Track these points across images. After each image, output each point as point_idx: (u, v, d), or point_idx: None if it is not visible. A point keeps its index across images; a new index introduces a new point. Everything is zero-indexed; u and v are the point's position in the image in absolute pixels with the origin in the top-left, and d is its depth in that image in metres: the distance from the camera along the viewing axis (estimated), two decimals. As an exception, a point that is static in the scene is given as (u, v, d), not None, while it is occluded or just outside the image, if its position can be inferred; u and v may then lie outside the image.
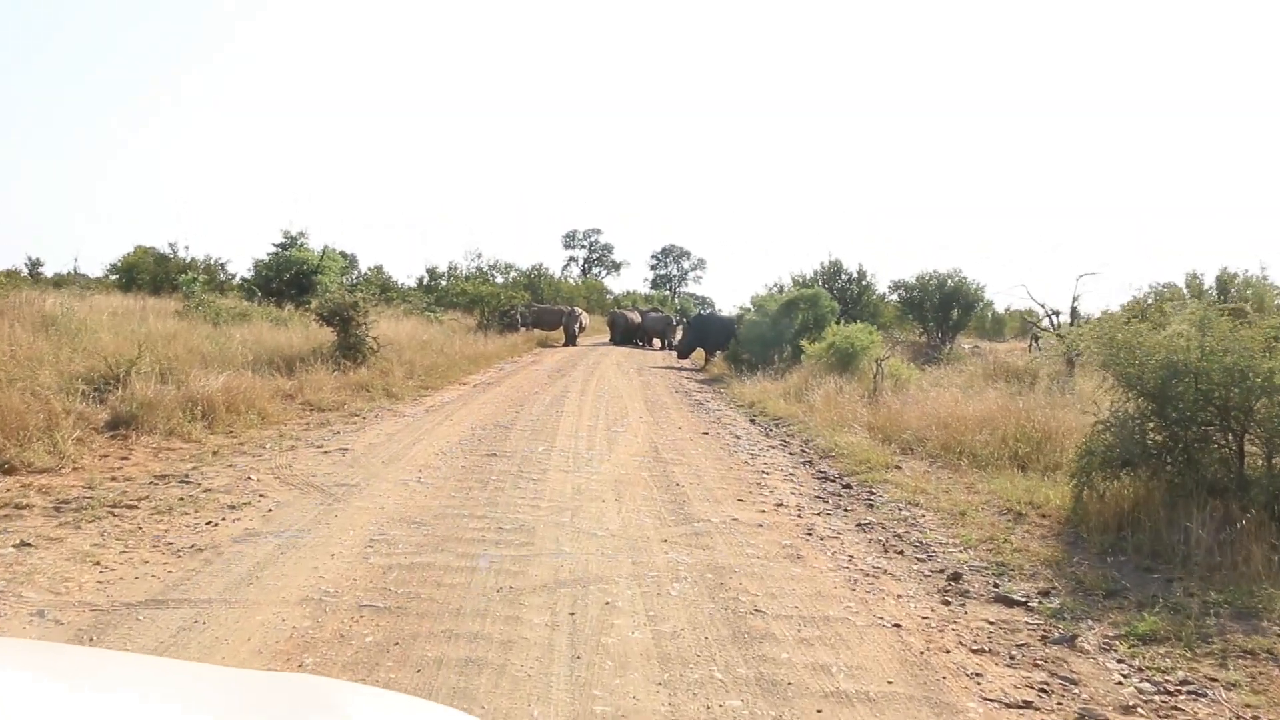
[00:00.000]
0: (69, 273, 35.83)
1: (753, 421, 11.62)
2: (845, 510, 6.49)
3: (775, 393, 14.13)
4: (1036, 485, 7.21)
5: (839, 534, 5.73)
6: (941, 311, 22.81)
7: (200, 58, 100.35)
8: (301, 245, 24.55)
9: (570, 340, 27.52)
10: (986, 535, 5.87)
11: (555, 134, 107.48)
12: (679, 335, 29.62)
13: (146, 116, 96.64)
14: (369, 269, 43.21)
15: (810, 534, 5.65)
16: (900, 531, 5.93)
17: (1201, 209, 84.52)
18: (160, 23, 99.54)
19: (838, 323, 20.08)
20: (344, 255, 55.14)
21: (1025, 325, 37.19)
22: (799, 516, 6.12)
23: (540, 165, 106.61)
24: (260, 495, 5.73)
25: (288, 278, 23.42)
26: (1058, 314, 16.58)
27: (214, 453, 7.51)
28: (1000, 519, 6.34)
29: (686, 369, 20.99)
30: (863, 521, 6.13)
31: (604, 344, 29.23)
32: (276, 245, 24.71)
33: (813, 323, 18.82)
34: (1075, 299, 16.61)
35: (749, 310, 21.32)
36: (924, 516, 6.43)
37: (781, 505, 6.42)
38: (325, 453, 7.47)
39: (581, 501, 5.91)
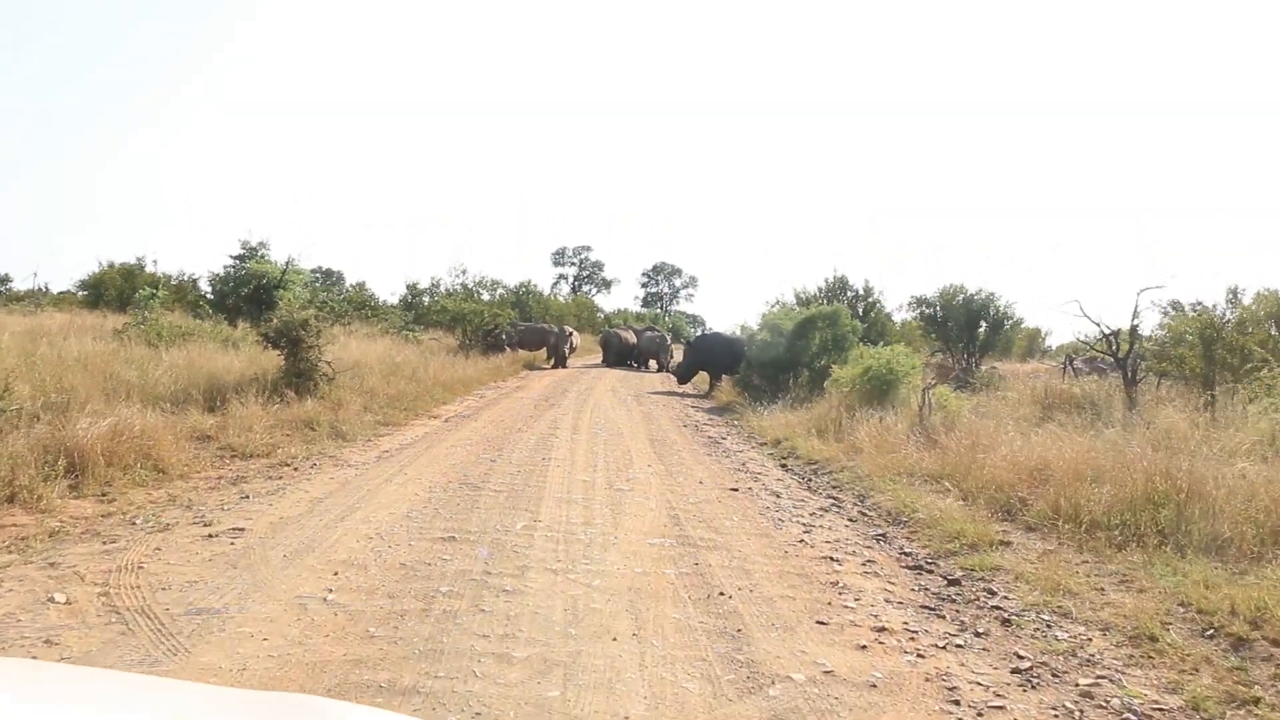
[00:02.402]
0: (38, 289, 33.88)
1: (785, 467, 9.42)
2: (978, 635, 4.28)
3: (801, 427, 11.96)
4: (1222, 579, 5.06)
5: (1000, 697, 3.52)
6: (968, 330, 20.75)
7: (198, 60, 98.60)
8: (262, 257, 22.25)
9: (560, 362, 25.28)
10: (1222, 689, 3.70)
11: (548, 137, 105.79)
12: (674, 356, 27.54)
13: (140, 124, 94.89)
14: (351, 286, 40.96)
15: (957, 701, 3.44)
16: (1084, 682, 3.73)
17: (1201, 209, 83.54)
18: (159, 24, 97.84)
19: (860, 343, 18.02)
20: (330, 272, 53.09)
21: (1031, 345, 35.29)
22: (919, 656, 3.90)
23: (531, 172, 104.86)
24: (47, 641, 3.47)
25: (245, 293, 21.13)
26: (1116, 333, 14.46)
27: (51, 534, 5.26)
28: (1212, 648, 4.16)
29: (690, 395, 18.79)
30: (1018, 663, 3.93)
31: (596, 365, 27.01)
32: (234, 257, 22.41)
33: (832, 343, 16.72)
34: (1136, 316, 14.52)
35: (758, 329, 19.20)
36: (1094, 643, 4.25)
37: (884, 629, 4.21)
38: (209, 536, 5.20)
39: (580, 643, 3.68)
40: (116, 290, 28.37)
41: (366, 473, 7.61)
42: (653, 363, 27.57)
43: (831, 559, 5.47)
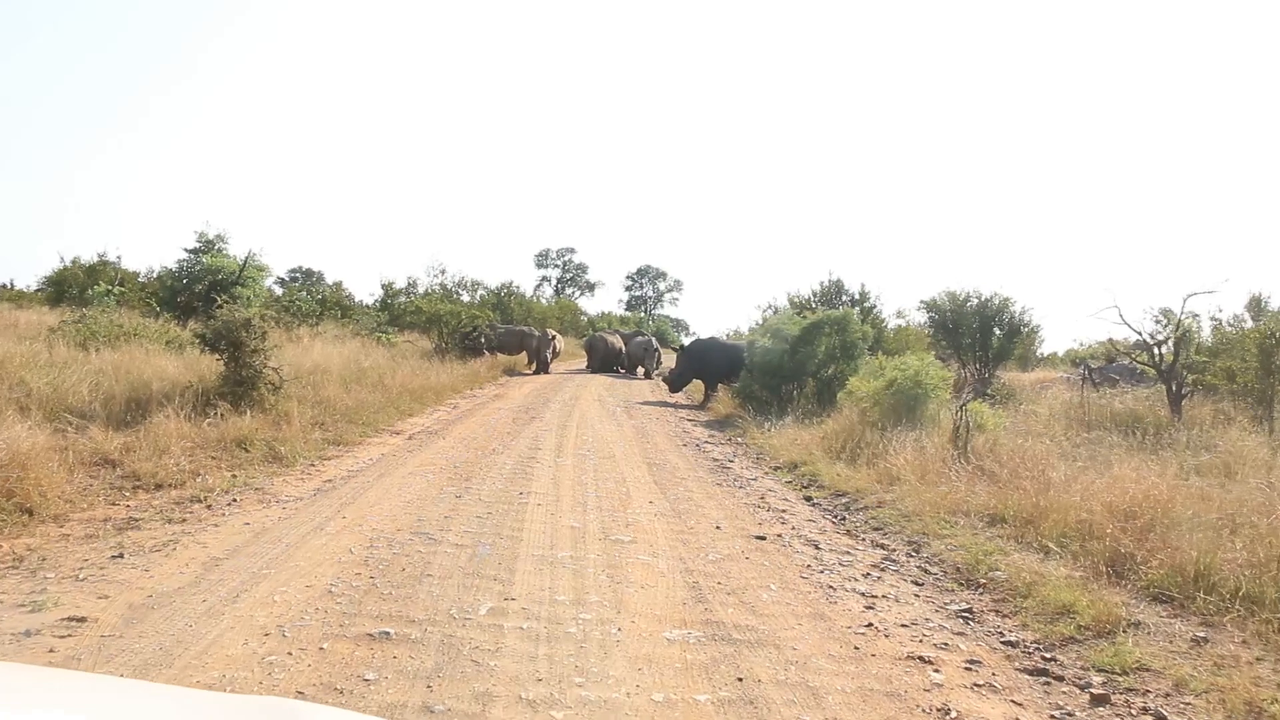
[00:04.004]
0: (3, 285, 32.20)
1: (810, 501, 7.89)
2: (1192, 819, 2.75)
3: (816, 446, 10.47)
4: None
5: None
6: (981, 337, 19.33)
7: (196, 59, 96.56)
8: (219, 250, 20.44)
9: (542, 367, 23.65)
10: None
11: (533, 136, 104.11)
12: (661, 361, 26.06)
13: (137, 118, 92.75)
14: (329, 286, 39.15)
15: None
16: None
17: (1202, 208, 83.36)
18: (161, 23, 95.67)
19: (876, 352, 16.58)
20: (310, 272, 51.10)
21: (1027, 352, 34.04)
22: None
23: (516, 172, 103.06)
24: None
25: (200, 289, 19.34)
26: (1161, 344, 13.09)
27: None
28: None
29: (683, 406, 17.24)
30: None
31: (581, 371, 25.41)
32: (189, 250, 20.58)
33: (840, 352, 15.24)
34: (1180, 325, 13.11)
35: (760, 335, 17.72)
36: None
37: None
38: (24, 635, 3.56)
39: None
40: (80, 287, 26.82)
41: (295, 515, 5.98)
42: (640, 369, 26.02)
43: (920, 659, 3.92)
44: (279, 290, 31.84)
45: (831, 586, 5.02)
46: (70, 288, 27.29)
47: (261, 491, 6.79)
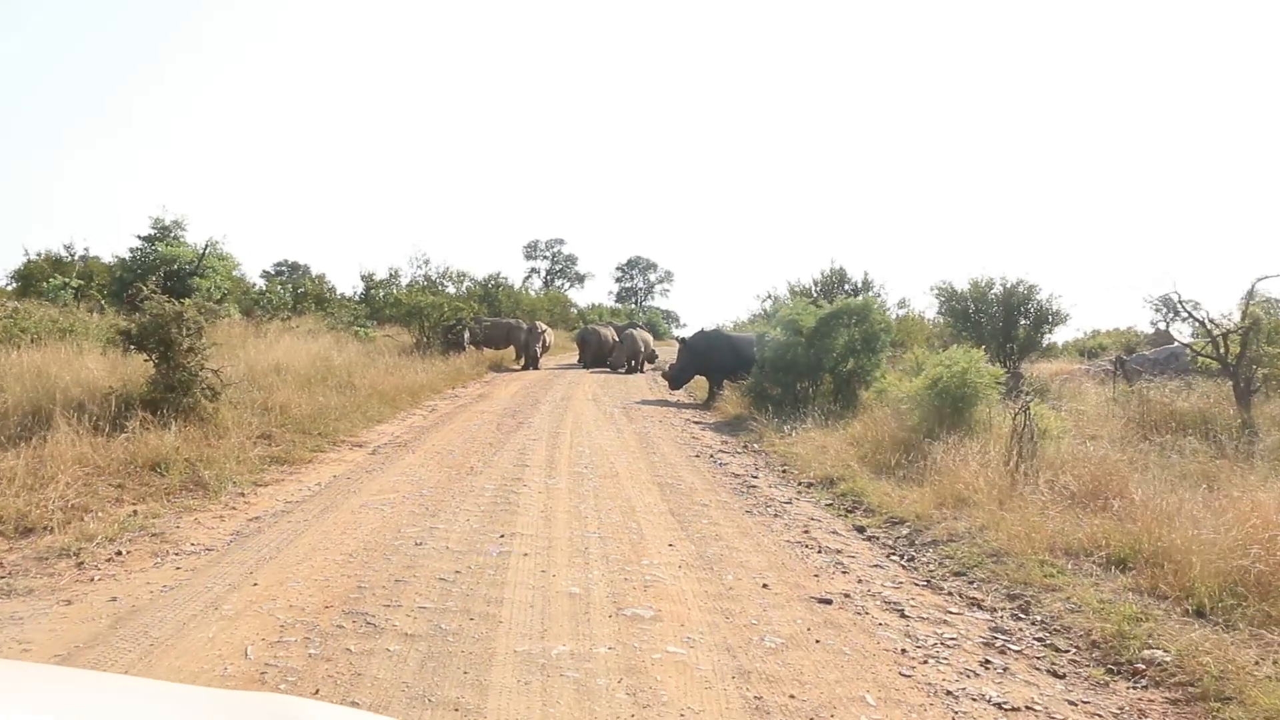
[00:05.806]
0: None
1: (863, 533, 6.32)
2: None
3: (850, 456, 8.95)
4: None
5: None
6: (1005, 326, 17.82)
7: (188, 56, 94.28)
8: (176, 239, 18.67)
9: (531, 363, 22.02)
10: None
11: (524, 129, 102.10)
12: (657, 356, 24.52)
13: (132, 114, 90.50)
14: (311, 278, 37.33)
15: None
16: None
17: (1209, 205, 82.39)
18: (151, 19, 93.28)
19: (893, 346, 15.10)
20: (296, 265, 49.25)
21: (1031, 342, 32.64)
22: None
23: (507, 163, 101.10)
24: None
25: (154, 280, 17.58)
26: (1225, 335, 11.58)
27: None
28: None
29: (686, 405, 15.65)
30: None
31: (572, 366, 23.80)
32: (143, 238, 18.79)
33: (860, 344, 13.70)
34: (1246, 314, 11.61)
35: (767, 326, 16.16)
36: None
37: None
38: None
39: None
40: (47, 280, 25.29)
41: (189, 580, 4.36)
42: (633, 364, 24.43)
43: None
44: (262, 283, 30.02)
45: (950, 692, 3.46)
46: (37, 281, 25.70)
47: (160, 538, 5.16)
